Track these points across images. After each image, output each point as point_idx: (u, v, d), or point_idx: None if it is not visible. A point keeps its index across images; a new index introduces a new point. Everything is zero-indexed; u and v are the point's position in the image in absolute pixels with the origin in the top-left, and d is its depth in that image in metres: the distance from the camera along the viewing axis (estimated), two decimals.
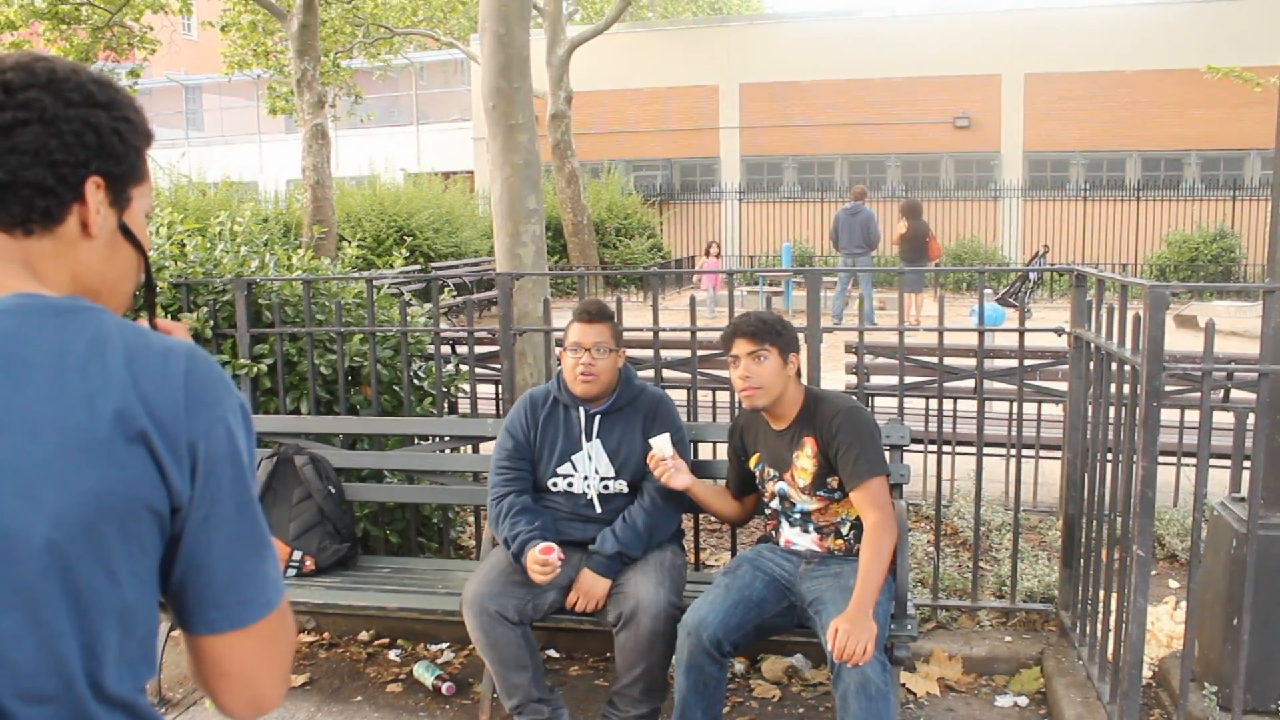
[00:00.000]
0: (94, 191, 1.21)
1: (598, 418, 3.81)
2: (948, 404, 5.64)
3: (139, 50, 19.05)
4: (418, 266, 17.07)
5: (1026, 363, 4.63)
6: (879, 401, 5.55)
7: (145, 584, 1.14)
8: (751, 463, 3.69)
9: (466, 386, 4.97)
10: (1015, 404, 4.55)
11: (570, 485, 3.81)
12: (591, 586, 3.64)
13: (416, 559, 4.66)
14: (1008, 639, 4.30)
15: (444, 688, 4.20)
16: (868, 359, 5.66)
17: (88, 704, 1.11)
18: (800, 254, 22.98)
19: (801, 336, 3.90)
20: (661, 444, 3.62)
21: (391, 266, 6.67)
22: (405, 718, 4.06)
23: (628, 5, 19.80)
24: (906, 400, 5.29)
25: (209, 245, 5.12)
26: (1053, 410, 6.23)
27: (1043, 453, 5.80)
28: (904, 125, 24.24)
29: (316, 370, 4.80)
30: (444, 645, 4.64)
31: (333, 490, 4.45)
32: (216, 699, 1.23)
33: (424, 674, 4.29)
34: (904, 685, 4.00)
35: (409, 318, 4.81)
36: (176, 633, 4.74)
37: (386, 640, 4.71)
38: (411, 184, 21.50)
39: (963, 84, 23.74)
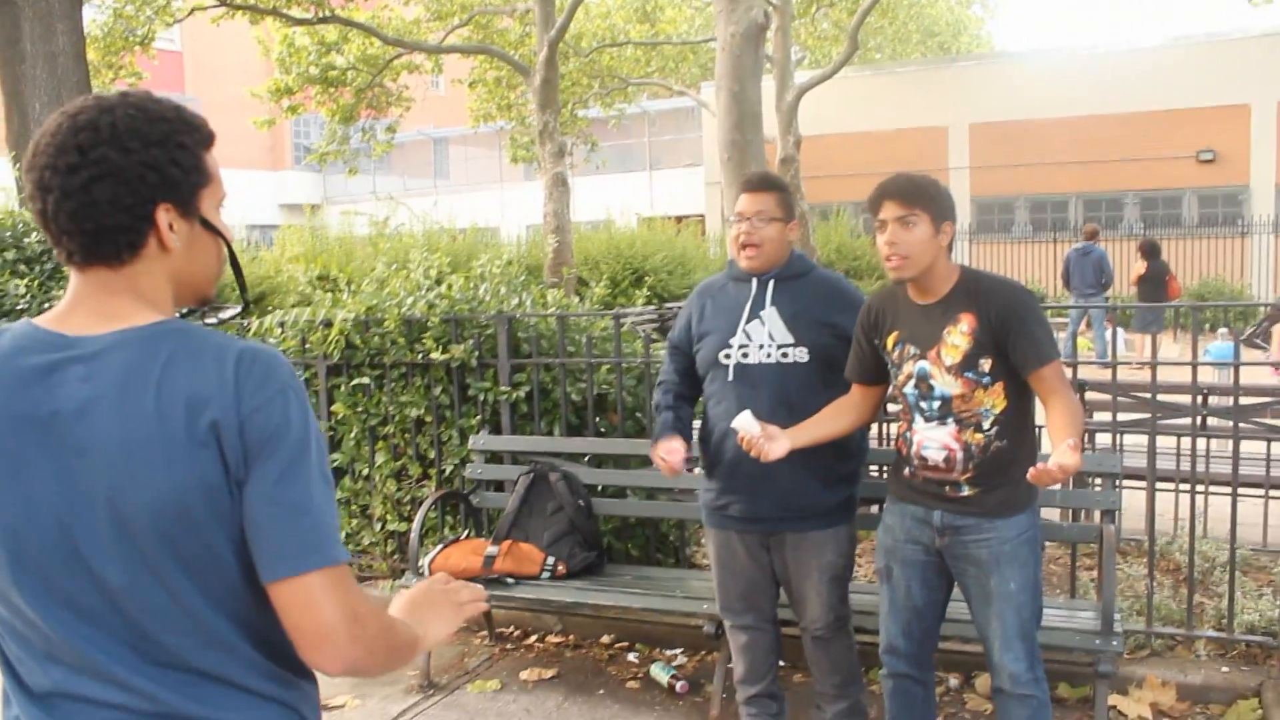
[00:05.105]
0: (163, 215, 1.44)
1: (771, 283, 3.56)
2: (1173, 441, 5.65)
3: (395, 108, 20.61)
4: (653, 306, 17.72)
5: (1245, 400, 4.69)
6: (1098, 439, 5.64)
7: (242, 545, 1.41)
8: (890, 341, 3.29)
9: None
10: (1236, 441, 4.60)
11: (745, 356, 3.52)
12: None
13: (656, 569, 5.11)
14: (1225, 669, 4.35)
15: (678, 686, 4.60)
16: (1096, 396, 5.77)
17: (222, 632, 1.43)
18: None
19: None
20: (745, 423, 3.19)
21: (632, 305, 7.23)
22: (643, 710, 4.48)
23: (855, 50, 20.04)
24: (1131, 436, 5.39)
25: (471, 286, 5.78)
26: None
27: (1273, 493, 5.74)
28: (1142, 161, 23.37)
29: (568, 397, 5.35)
30: (678, 650, 5.03)
31: (582, 504, 4.95)
32: (305, 656, 1.43)
33: (660, 673, 4.70)
34: (1114, 707, 4.12)
35: (651, 350, 5.29)
36: None
37: (626, 644, 5.14)
38: (645, 228, 22.24)
39: (1207, 116, 22.62)
